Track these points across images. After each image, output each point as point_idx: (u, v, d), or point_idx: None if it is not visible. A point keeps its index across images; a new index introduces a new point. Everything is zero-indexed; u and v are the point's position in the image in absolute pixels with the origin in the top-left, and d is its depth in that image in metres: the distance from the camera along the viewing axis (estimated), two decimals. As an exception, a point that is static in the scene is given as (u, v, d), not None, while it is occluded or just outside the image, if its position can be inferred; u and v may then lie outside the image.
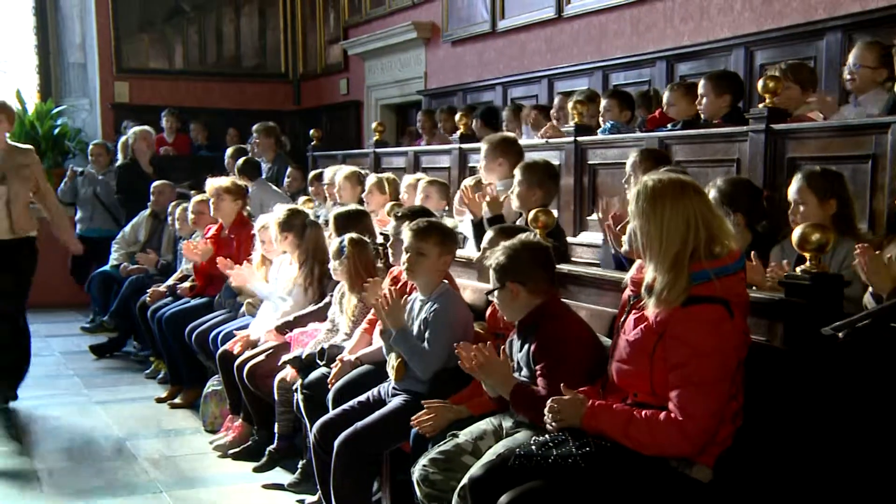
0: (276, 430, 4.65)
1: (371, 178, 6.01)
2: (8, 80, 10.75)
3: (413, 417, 3.29)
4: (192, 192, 7.32)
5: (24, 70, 10.94)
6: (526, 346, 3.05)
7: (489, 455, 2.80)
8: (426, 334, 3.62)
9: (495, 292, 3.13)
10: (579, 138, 5.29)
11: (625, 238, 2.70)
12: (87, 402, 6.13)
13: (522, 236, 3.23)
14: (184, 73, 11.03)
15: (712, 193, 3.50)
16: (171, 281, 6.67)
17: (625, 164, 4.17)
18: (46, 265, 6.80)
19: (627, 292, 2.76)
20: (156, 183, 7.87)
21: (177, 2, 10.89)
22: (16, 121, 10.08)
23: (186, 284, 6.36)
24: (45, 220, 6.26)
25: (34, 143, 10.13)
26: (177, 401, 6.00)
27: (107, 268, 7.84)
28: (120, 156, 8.67)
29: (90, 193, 8.71)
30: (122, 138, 8.85)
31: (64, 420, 5.71)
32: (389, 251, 4.39)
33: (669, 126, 5.02)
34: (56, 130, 10.35)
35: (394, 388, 3.70)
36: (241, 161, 7.61)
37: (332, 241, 4.64)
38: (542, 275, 3.11)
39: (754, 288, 2.99)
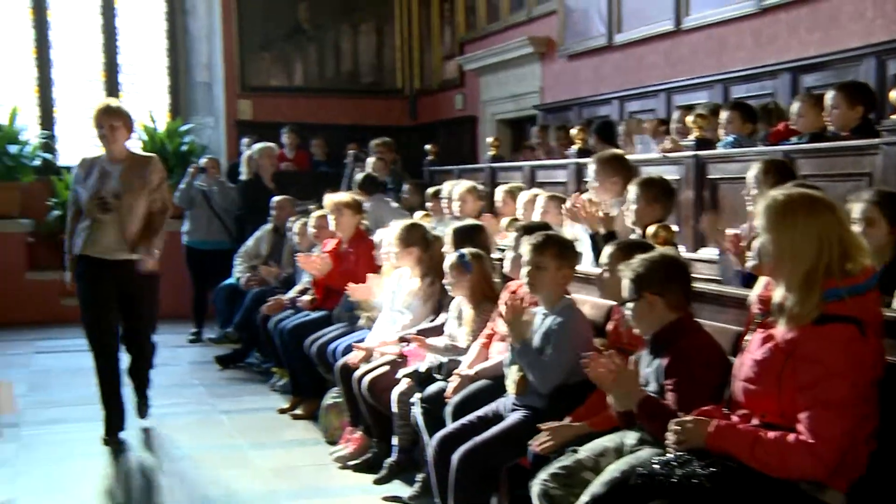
0: (394, 442, 4.70)
1: (524, 195, 5.90)
2: (142, 100, 11.21)
3: (531, 441, 3.28)
4: (312, 206, 7.49)
5: (157, 90, 11.39)
6: (657, 361, 3.01)
7: (610, 472, 2.77)
8: (547, 348, 3.61)
9: (630, 304, 3.09)
10: (700, 152, 5.21)
11: (750, 254, 2.64)
12: (211, 412, 6.31)
13: (661, 249, 3.20)
14: (303, 90, 11.31)
15: (859, 206, 3.37)
16: (291, 294, 6.83)
17: (746, 178, 4.08)
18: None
19: (754, 309, 2.70)
20: (276, 198, 8.07)
21: (297, 21, 11.18)
22: (148, 137, 10.72)
23: (306, 298, 6.50)
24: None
25: (164, 160, 10.58)
26: (297, 412, 6.12)
27: (232, 280, 8.08)
28: (244, 171, 8.92)
29: (205, 206, 8.91)
30: (246, 153, 9.11)
31: (188, 429, 5.89)
32: (506, 265, 4.40)
33: (795, 139, 4.89)
34: (184, 147, 10.73)
35: (514, 403, 3.70)
36: (360, 176, 7.75)
37: (448, 256, 4.68)
38: (680, 289, 3.07)
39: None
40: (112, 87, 11.11)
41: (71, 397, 6.53)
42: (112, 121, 5.26)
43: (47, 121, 10.91)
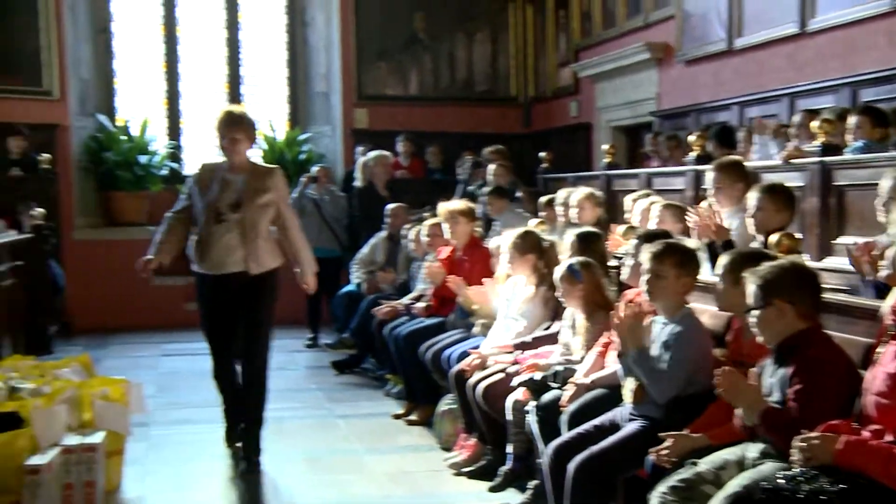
0: (509, 450, 4.69)
1: (641, 202, 5.82)
2: (262, 111, 11.53)
3: (651, 449, 3.23)
4: (427, 214, 7.55)
5: (276, 100, 11.69)
6: (782, 371, 2.92)
7: (732, 486, 2.70)
8: (666, 357, 3.55)
9: (757, 311, 3.01)
10: (826, 158, 5.04)
11: (883, 263, 2.54)
12: (328, 416, 6.42)
13: (791, 256, 3.12)
14: (418, 99, 11.42)
15: None
16: (406, 300, 6.90)
17: (877, 185, 3.92)
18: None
19: (887, 321, 2.60)
20: (390, 206, 8.18)
21: (413, 31, 11.30)
22: (267, 146, 11.01)
23: (421, 304, 6.55)
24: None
25: (283, 169, 10.82)
26: (412, 417, 6.17)
27: (351, 287, 8.21)
28: (359, 178, 9.07)
29: (315, 214, 9.06)
30: (360, 160, 9.25)
31: (305, 432, 6.01)
32: (623, 273, 4.35)
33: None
34: (302, 156, 10.98)
35: (631, 413, 3.65)
36: (487, 188, 7.80)
37: (560, 266, 4.66)
38: (810, 297, 2.98)
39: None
40: (235, 99, 11.45)
41: (197, 399, 6.74)
42: (234, 133, 5.01)
43: (174, 132, 11.32)
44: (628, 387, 3.67)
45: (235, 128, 5.03)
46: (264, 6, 11.57)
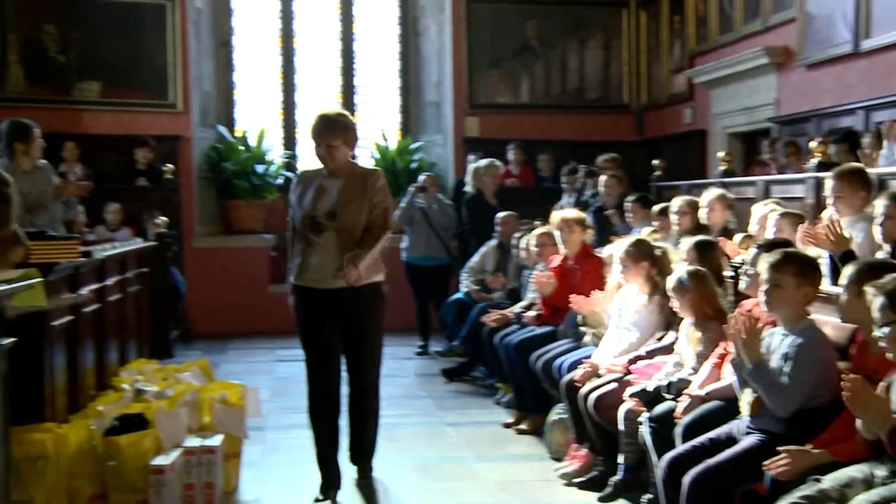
0: (621, 461, 4.62)
1: (759, 211, 5.70)
2: (375, 120, 11.71)
3: (766, 462, 3.14)
4: (538, 222, 7.52)
5: (389, 110, 11.84)
6: (914, 390, 2.80)
7: (860, 504, 2.60)
8: (786, 369, 3.44)
9: (886, 327, 2.89)
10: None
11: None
12: (438, 423, 6.45)
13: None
14: (529, 107, 11.39)
15: None
16: (517, 308, 6.88)
17: None
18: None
19: None
20: (501, 214, 8.18)
21: (525, 39, 11.29)
22: (379, 155, 11.17)
23: (532, 313, 6.52)
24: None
25: (394, 178, 11.03)
26: (522, 427, 6.14)
27: (460, 295, 8.25)
28: (469, 184, 9.11)
29: (424, 223, 9.12)
30: (471, 168, 9.29)
31: (416, 439, 6.04)
32: (742, 283, 4.25)
33: None
34: (414, 165, 11.09)
35: (748, 426, 3.55)
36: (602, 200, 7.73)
37: (672, 275, 4.58)
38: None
39: None
40: (348, 108, 11.60)
41: (309, 403, 6.86)
42: (330, 139, 4.66)
43: (290, 141, 11.58)
44: (745, 399, 3.57)
45: (331, 133, 4.68)
46: (378, 18, 11.74)
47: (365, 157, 11.60)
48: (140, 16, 10.13)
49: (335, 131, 4.67)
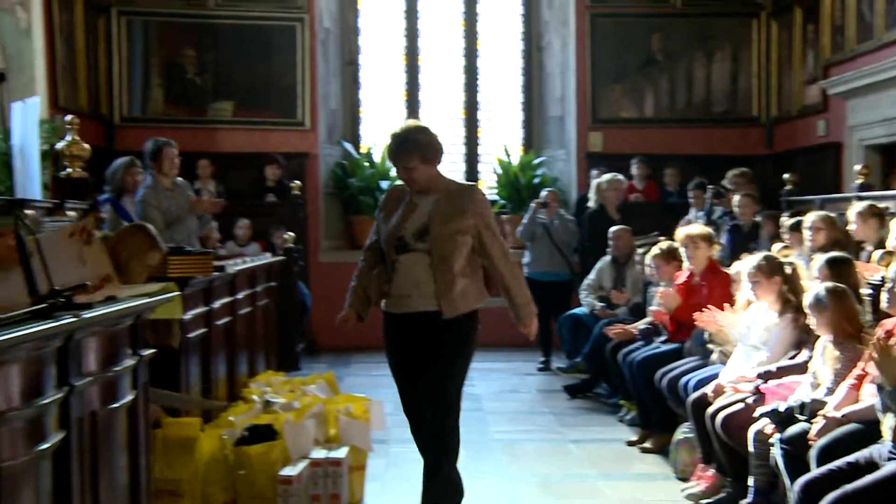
0: (750, 483, 4.48)
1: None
2: (497, 135, 11.75)
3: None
4: (661, 238, 7.40)
5: (511, 125, 11.87)
6: None
7: None
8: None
9: None
10: None
11: None
12: (561, 440, 6.40)
13: None
14: (653, 121, 11.22)
15: None
16: (641, 325, 6.79)
17: None
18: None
19: None
20: (613, 228, 8.10)
21: (650, 52, 11.14)
22: (502, 171, 11.20)
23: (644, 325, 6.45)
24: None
25: (517, 192, 11.05)
26: (647, 445, 6.04)
27: (576, 311, 8.21)
28: (592, 199, 9.05)
29: (546, 238, 9.08)
30: (594, 183, 9.22)
31: (539, 455, 6.00)
32: (882, 301, 4.07)
33: None
34: (536, 180, 11.07)
35: (890, 451, 3.39)
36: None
37: (809, 292, 4.44)
38: None
39: None
40: (471, 124, 11.73)
41: (431, 417, 6.91)
42: (405, 162, 4.19)
43: (413, 158, 11.69)
44: (888, 424, 3.42)
45: (404, 155, 4.19)
46: (502, 34, 11.79)
47: (487, 172, 11.68)
48: (271, 37, 10.45)
49: (408, 152, 4.17)
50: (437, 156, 4.28)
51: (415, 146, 4.17)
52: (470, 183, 4.56)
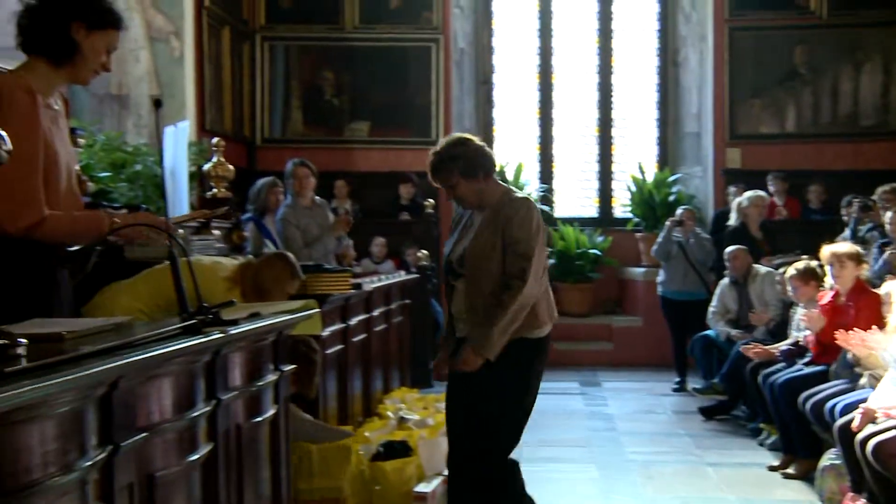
0: (903, 515, 4.28)
1: None
2: (631, 153, 11.64)
3: None
4: (805, 256, 7.16)
5: (646, 142, 11.72)
6: None
7: None
8: None
9: None
10: None
11: None
12: (698, 463, 6.24)
13: None
14: (795, 136, 10.87)
15: None
16: (783, 346, 6.57)
17: None
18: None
19: None
20: (729, 249, 7.91)
21: (793, 65, 10.80)
22: (636, 188, 11.07)
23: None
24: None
25: (651, 210, 10.88)
26: (790, 471, 5.83)
27: (710, 332, 8.05)
28: (733, 218, 8.84)
29: (681, 257, 8.92)
30: (736, 201, 9.01)
31: (675, 478, 5.87)
32: None
33: None
34: (672, 198, 10.88)
35: None
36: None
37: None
38: None
39: None
40: (605, 142, 11.65)
41: (566, 438, 6.87)
42: (442, 181, 3.96)
43: (547, 175, 11.71)
44: None
45: (440, 177, 3.95)
46: (636, 50, 11.68)
47: (621, 189, 11.56)
48: (406, 58, 10.64)
49: (445, 169, 3.92)
50: (479, 169, 3.91)
51: (451, 162, 3.91)
52: (514, 196, 3.96)
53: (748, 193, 8.84)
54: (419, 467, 4.79)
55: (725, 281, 7.99)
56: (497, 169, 4.02)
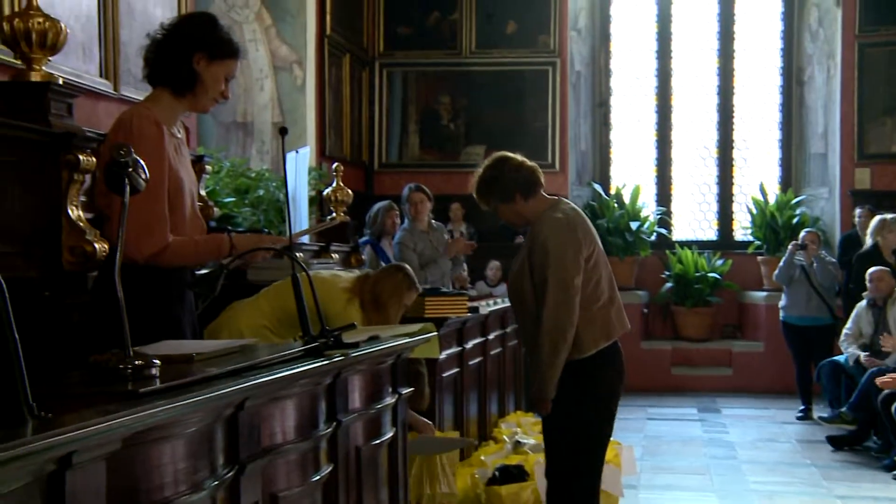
0: None
1: None
2: (753, 174, 11.37)
3: None
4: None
5: (767, 163, 11.44)
6: None
7: None
8: None
9: None
10: None
11: None
12: (826, 495, 6.01)
13: None
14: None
15: None
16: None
17: None
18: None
19: None
20: (873, 269, 7.61)
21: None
22: (757, 210, 10.80)
23: None
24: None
25: (773, 233, 10.59)
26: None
27: (838, 358, 7.79)
28: (866, 242, 8.53)
29: (804, 281, 8.66)
30: (872, 224, 8.70)
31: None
32: None
33: None
34: (796, 220, 10.58)
35: None
36: None
37: None
38: None
39: None
40: (725, 163, 11.43)
41: (683, 465, 6.72)
42: (485, 207, 3.92)
43: (664, 198, 11.54)
44: None
45: (480, 201, 3.89)
46: (759, 70, 11.43)
47: (742, 212, 11.31)
48: (522, 82, 10.66)
49: (482, 198, 3.86)
50: (514, 191, 3.77)
51: (486, 186, 3.81)
52: (544, 214, 3.77)
53: (888, 216, 8.51)
54: (535, 492, 4.76)
55: (863, 303, 7.72)
56: (541, 183, 3.81)
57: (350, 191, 6.40)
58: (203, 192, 4.67)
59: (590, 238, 3.73)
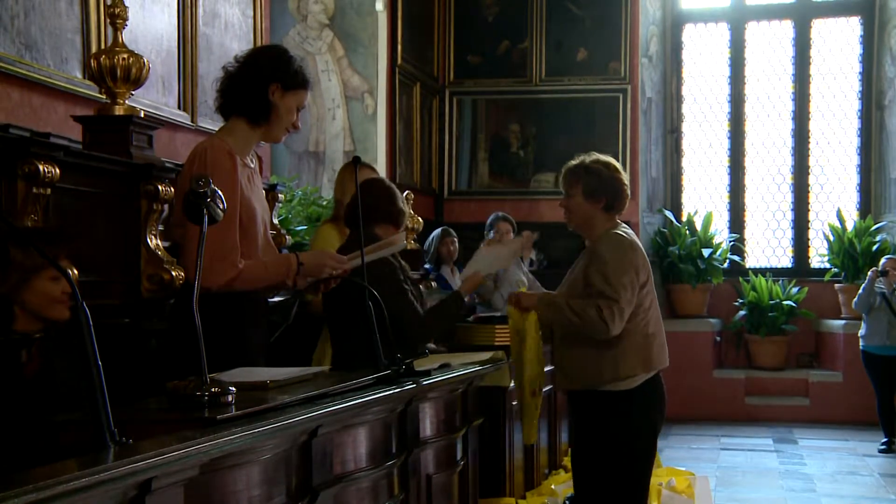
0: None
1: None
2: (829, 201, 11.15)
3: None
4: None
5: (846, 190, 11.21)
6: None
7: None
8: None
9: None
10: None
11: None
12: (909, 532, 5.85)
13: None
14: None
15: None
16: None
17: None
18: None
19: None
20: None
21: None
22: (835, 237, 10.57)
23: None
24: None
25: (852, 260, 10.35)
26: None
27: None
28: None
29: (885, 309, 8.44)
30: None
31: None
32: None
33: None
34: (875, 247, 10.33)
35: None
36: None
37: None
38: None
39: None
40: (801, 189, 11.22)
41: (757, 497, 6.57)
42: (564, 189, 4.02)
43: (737, 225, 11.37)
44: None
45: (566, 182, 4.01)
46: (836, 95, 11.22)
47: (818, 239, 11.09)
48: (593, 108, 10.62)
49: (571, 178, 3.95)
50: (603, 195, 3.81)
51: (584, 172, 3.87)
52: (609, 232, 3.81)
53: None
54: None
55: None
56: (624, 207, 3.85)
57: (420, 218, 6.43)
58: (276, 221, 4.76)
59: (647, 266, 3.75)
